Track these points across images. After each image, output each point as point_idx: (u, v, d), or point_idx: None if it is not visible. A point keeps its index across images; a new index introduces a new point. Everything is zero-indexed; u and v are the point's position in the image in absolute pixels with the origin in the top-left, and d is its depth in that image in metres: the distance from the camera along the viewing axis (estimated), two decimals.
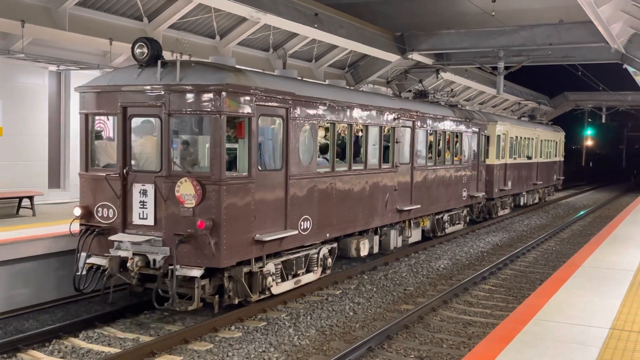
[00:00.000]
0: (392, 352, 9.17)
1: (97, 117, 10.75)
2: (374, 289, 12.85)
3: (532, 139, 29.24)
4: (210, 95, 9.66)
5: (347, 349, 8.84)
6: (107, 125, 11.11)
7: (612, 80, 40.99)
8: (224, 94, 9.64)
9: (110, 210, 10.34)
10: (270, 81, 10.92)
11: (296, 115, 11.22)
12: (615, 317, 7.63)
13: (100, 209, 10.42)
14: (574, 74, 32.77)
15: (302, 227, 11.55)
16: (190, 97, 9.78)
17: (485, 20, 23.18)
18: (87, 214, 10.46)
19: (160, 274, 9.75)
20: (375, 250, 14.83)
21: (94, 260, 10.31)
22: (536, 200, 30.88)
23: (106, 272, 10.22)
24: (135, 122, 10.45)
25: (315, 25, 19.94)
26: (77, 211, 10.50)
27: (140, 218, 10.14)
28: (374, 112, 14.15)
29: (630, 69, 27.03)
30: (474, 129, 20.76)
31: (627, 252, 11.80)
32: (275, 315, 10.84)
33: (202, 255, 9.66)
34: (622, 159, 76.11)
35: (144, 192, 10.13)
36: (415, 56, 26.09)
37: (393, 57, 25.11)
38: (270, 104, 10.57)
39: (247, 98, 10.05)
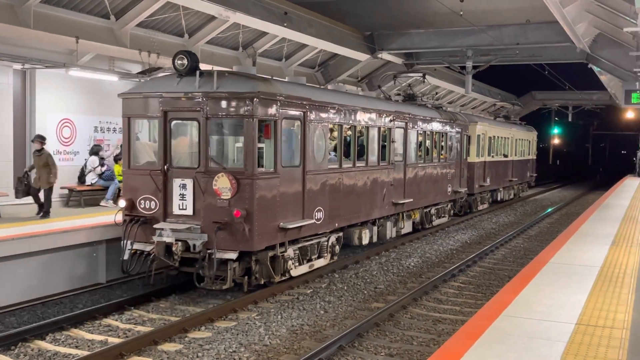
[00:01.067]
0: (362, 350, 9.22)
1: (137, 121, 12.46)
2: (345, 288, 12.92)
3: (508, 138, 31.47)
4: (245, 101, 11.39)
5: (317, 348, 8.87)
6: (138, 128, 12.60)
7: (578, 79, 41.60)
8: (256, 100, 11.37)
9: (152, 202, 12.06)
10: (290, 88, 12.66)
11: (311, 118, 13.02)
12: (581, 312, 7.72)
13: (142, 201, 12.10)
14: (541, 74, 33.20)
15: (316, 217, 13.36)
16: (226, 103, 11.52)
17: (453, 20, 23.38)
18: (130, 206, 12.13)
19: (200, 257, 11.34)
20: (374, 239, 16.60)
21: (138, 246, 11.87)
22: (511, 196, 33.14)
23: (150, 257, 11.69)
24: (175, 124, 12.20)
25: (285, 24, 19.91)
26: (123, 203, 12.11)
27: (180, 209, 11.84)
28: (374, 115, 15.85)
29: (595, 69, 27.37)
30: (457, 129, 22.76)
31: (592, 249, 11.97)
32: (246, 315, 10.88)
33: (236, 240, 11.36)
34: (588, 157, 77.20)
35: (184, 186, 11.86)
36: (385, 55, 26.18)
37: (363, 57, 25.17)
38: (291, 108, 12.38)
39: (274, 103, 11.83)
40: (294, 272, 12.88)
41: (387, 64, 28.43)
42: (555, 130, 65.27)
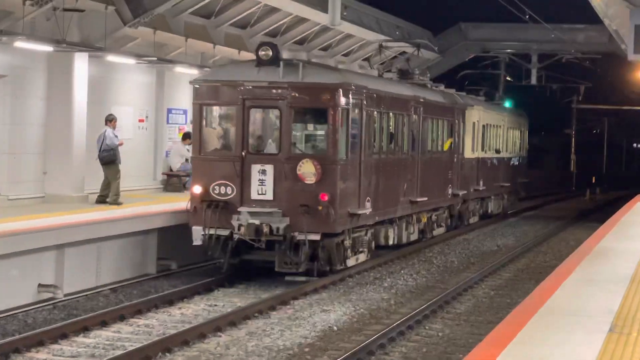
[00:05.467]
0: None
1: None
2: None
3: (500, 126, 43.73)
4: (329, 92, 23.76)
5: None
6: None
7: (548, 4, 43.26)
8: (340, 90, 23.68)
9: (229, 187, 23.87)
10: (353, 77, 25.60)
11: (366, 107, 25.42)
12: None
13: (217, 187, 23.87)
14: None
15: (366, 207, 25.54)
16: (311, 92, 23.91)
17: None
18: (204, 192, 23.68)
19: (288, 239, 23.24)
20: (396, 240, 29.16)
21: (214, 231, 23.65)
22: (500, 209, 45.02)
23: (233, 240, 23.57)
24: (254, 112, 24.37)
25: None
26: (198, 189, 23.79)
27: (258, 194, 23.85)
28: (401, 101, 28.85)
29: None
30: (457, 115, 35.29)
31: (573, 341, 12.16)
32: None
33: (320, 222, 23.46)
34: (569, 154, 78.81)
35: (263, 172, 23.87)
36: None
37: None
38: (356, 97, 24.69)
39: (349, 93, 24.07)
40: (349, 262, 25.46)
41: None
42: (506, 104, 65.25)
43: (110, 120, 28.32)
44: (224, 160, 24.36)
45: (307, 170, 23.43)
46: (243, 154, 24.10)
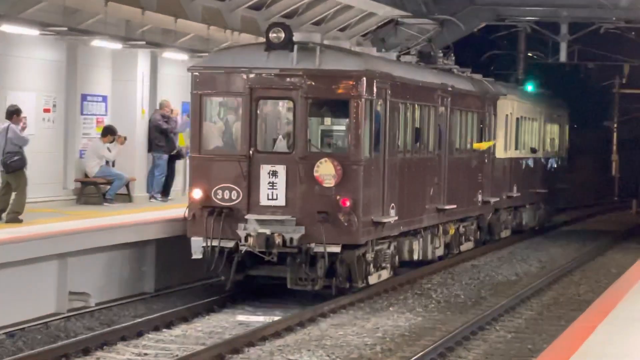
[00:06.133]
0: None
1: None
2: None
3: (537, 120, 43.04)
4: (351, 80, 22.87)
5: None
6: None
7: None
8: (364, 79, 22.70)
9: (234, 191, 22.75)
10: (377, 62, 24.44)
11: (390, 98, 24.36)
12: None
13: (220, 191, 22.73)
14: None
15: (391, 215, 24.42)
16: (330, 81, 22.76)
17: None
18: (204, 197, 22.55)
19: (304, 251, 22.28)
20: (420, 256, 27.72)
21: (215, 242, 22.50)
22: (535, 221, 43.75)
23: (239, 252, 22.37)
24: (263, 104, 23.34)
25: None
26: (198, 193, 22.61)
27: (269, 199, 22.91)
28: (426, 90, 27.75)
29: None
30: (487, 106, 34.26)
31: None
32: None
33: (339, 232, 22.67)
34: (610, 154, 74.92)
35: (274, 173, 22.80)
36: None
37: None
38: (381, 87, 23.71)
39: (373, 82, 23.15)
40: (372, 280, 24.06)
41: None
42: (529, 88, 62.38)
43: (14, 112, 24.92)
44: (227, 160, 23.43)
45: (326, 172, 22.64)
46: (250, 152, 23.14)
